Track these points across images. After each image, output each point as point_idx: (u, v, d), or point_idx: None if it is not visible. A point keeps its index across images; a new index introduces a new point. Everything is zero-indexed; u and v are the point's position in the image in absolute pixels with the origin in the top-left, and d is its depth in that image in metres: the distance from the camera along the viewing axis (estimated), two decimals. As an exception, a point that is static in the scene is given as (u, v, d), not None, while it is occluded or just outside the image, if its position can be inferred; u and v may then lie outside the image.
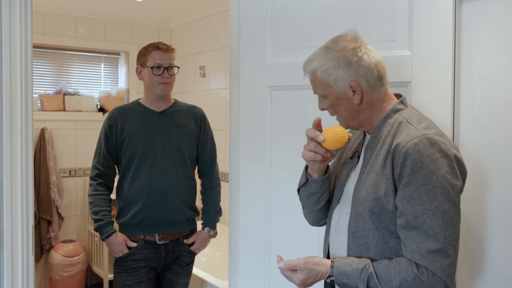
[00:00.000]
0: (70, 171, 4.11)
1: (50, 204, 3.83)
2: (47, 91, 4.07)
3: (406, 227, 1.17)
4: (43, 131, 3.87)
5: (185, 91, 4.47)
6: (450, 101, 1.50)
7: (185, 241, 2.33)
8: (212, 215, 2.41)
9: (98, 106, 4.25)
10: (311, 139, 1.32)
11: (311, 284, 1.28)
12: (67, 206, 4.07)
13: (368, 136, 1.36)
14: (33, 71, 1.60)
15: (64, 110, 4.09)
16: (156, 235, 2.25)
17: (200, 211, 2.45)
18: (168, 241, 2.27)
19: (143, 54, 2.26)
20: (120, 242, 2.21)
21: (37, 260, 3.85)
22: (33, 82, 1.71)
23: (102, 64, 4.41)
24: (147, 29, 4.48)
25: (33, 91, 1.68)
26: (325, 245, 1.47)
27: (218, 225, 2.45)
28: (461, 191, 1.20)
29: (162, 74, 2.22)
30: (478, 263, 1.50)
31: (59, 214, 3.95)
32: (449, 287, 1.15)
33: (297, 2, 1.85)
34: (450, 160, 1.16)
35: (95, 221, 2.23)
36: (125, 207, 2.26)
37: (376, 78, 1.27)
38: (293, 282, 1.29)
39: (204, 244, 2.37)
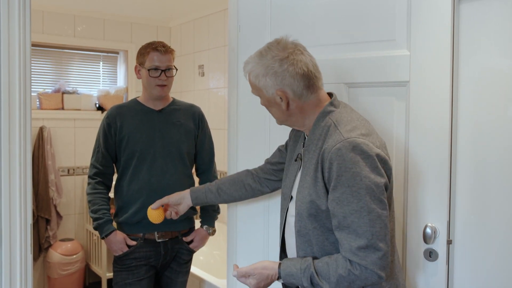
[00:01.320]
0: (68, 170, 4.11)
1: (48, 202, 3.83)
2: (46, 90, 4.07)
3: (338, 227, 1.26)
4: (41, 129, 3.87)
5: (184, 90, 4.47)
6: (448, 100, 1.50)
7: (184, 239, 2.33)
8: (211, 213, 2.41)
9: (97, 105, 4.25)
10: None
11: (265, 285, 1.39)
12: (65, 204, 4.06)
13: (306, 139, 1.42)
14: (32, 70, 1.60)
15: (62, 108, 4.08)
16: (155, 233, 2.25)
17: (198, 210, 2.45)
18: (167, 239, 2.28)
19: (142, 54, 2.26)
20: (120, 240, 2.21)
21: (35, 258, 3.84)
22: (32, 81, 1.71)
23: (101, 63, 4.40)
24: (146, 28, 4.48)
25: (32, 89, 1.68)
26: (281, 243, 1.56)
27: (216, 224, 2.45)
28: (386, 187, 1.27)
29: (159, 76, 2.22)
30: (475, 262, 1.50)
31: (57, 213, 3.94)
32: (382, 277, 1.24)
33: (297, 1, 1.85)
34: (372, 160, 1.23)
35: (94, 219, 2.22)
36: (124, 205, 2.26)
37: (303, 87, 1.34)
38: (249, 287, 1.41)
39: (202, 242, 2.38)
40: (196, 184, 2.46)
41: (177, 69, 2.32)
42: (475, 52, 1.48)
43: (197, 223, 2.44)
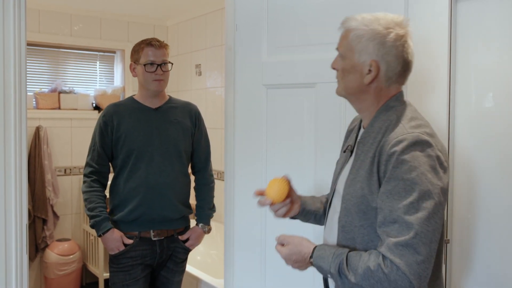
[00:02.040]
0: (65, 170, 4.10)
1: (45, 202, 3.82)
2: (42, 89, 4.05)
3: (384, 223, 1.15)
4: (38, 129, 3.85)
5: (181, 89, 4.46)
6: (445, 98, 1.50)
7: (180, 237, 2.32)
8: (207, 211, 2.40)
9: (94, 104, 4.24)
10: (263, 205, 1.41)
11: (296, 261, 1.31)
12: (62, 204, 4.05)
13: (362, 131, 1.35)
14: (28, 69, 1.59)
15: (59, 108, 4.07)
16: (151, 231, 2.24)
17: (194, 208, 2.44)
18: (163, 238, 2.26)
19: (136, 50, 2.25)
20: (117, 238, 2.19)
21: (32, 259, 3.83)
22: (28, 80, 1.70)
23: (98, 62, 4.39)
24: (143, 27, 4.46)
25: (28, 89, 1.67)
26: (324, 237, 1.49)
27: (213, 223, 2.45)
28: (443, 192, 1.17)
29: (155, 71, 2.21)
30: (472, 261, 1.50)
31: (54, 213, 3.93)
32: (415, 286, 1.09)
33: (293, 1, 1.85)
34: (432, 160, 1.15)
35: (91, 217, 2.20)
36: (120, 204, 2.24)
37: (397, 72, 1.25)
38: (280, 255, 1.34)
39: (198, 240, 2.37)
40: (192, 183, 2.45)
41: (172, 64, 2.31)
42: (472, 50, 1.48)
43: (193, 223, 2.43)
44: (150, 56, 2.21)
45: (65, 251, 3.81)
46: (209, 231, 2.41)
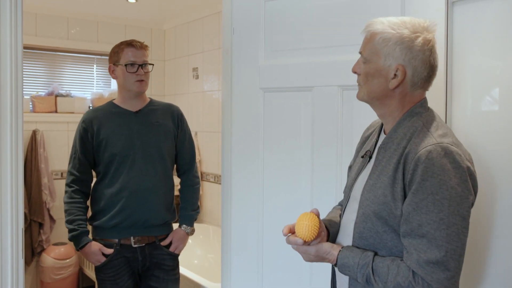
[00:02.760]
0: (62, 173, 4.08)
1: (41, 206, 3.80)
2: (39, 93, 4.05)
3: (410, 235, 1.14)
4: (34, 133, 3.84)
5: (178, 93, 4.46)
6: (442, 101, 1.50)
7: (161, 243, 2.26)
8: (190, 212, 2.35)
9: (91, 108, 4.23)
10: (293, 244, 1.30)
11: (316, 261, 1.31)
12: (58, 208, 4.03)
13: (382, 136, 1.33)
14: (25, 73, 1.59)
15: (56, 111, 4.06)
16: (132, 238, 2.19)
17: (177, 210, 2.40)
18: (144, 244, 2.21)
19: (116, 52, 2.22)
20: (95, 252, 2.15)
21: (28, 263, 3.81)
22: (25, 84, 1.69)
23: (95, 65, 4.39)
24: (140, 31, 4.46)
25: (25, 92, 1.66)
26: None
27: (210, 227, 2.43)
28: (472, 205, 1.16)
29: (136, 71, 2.18)
30: (475, 264, 1.50)
31: (50, 217, 3.91)
32: None
33: (290, 4, 1.85)
34: (462, 172, 1.12)
35: (70, 230, 2.15)
36: (102, 209, 2.19)
37: (423, 78, 1.23)
38: (300, 251, 1.31)
39: (182, 242, 2.30)
40: (177, 184, 2.42)
41: (153, 65, 2.28)
42: (468, 53, 1.48)
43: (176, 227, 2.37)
44: (131, 57, 2.19)
45: (62, 255, 3.79)
46: (192, 232, 2.35)
